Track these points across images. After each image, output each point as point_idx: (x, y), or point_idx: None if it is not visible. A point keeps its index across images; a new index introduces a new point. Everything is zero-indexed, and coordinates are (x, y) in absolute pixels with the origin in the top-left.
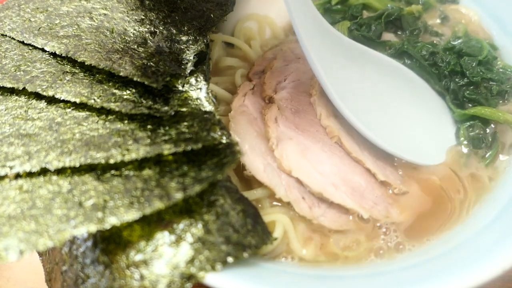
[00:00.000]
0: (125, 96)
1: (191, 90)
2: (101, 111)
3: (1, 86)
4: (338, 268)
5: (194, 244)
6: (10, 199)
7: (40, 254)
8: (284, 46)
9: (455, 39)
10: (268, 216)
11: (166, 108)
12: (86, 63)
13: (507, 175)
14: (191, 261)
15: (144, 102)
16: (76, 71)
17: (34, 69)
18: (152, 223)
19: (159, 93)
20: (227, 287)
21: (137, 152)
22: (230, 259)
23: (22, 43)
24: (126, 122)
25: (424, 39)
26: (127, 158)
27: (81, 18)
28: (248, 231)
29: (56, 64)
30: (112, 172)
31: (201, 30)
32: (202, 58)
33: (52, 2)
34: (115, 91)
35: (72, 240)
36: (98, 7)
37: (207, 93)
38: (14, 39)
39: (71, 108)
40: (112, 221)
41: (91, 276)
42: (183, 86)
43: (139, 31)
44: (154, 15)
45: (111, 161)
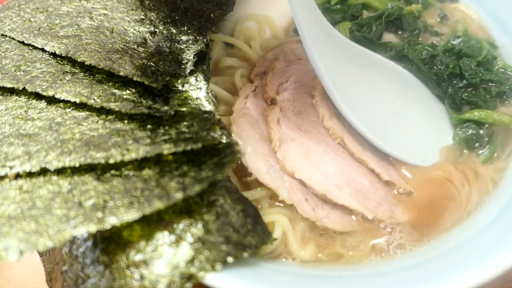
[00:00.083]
0: (125, 96)
1: (191, 90)
2: (101, 111)
3: (1, 86)
4: (338, 268)
5: (194, 244)
6: (10, 199)
7: (40, 254)
8: (285, 46)
9: (454, 38)
10: (267, 216)
11: (166, 107)
12: (86, 63)
13: (507, 175)
14: (191, 261)
15: (144, 102)
16: (76, 71)
17: (34, 69)
18: (152, 223)
19: (159, 92)
20: (227, 287)
21: (137, 152)
22: (230, 259)
23: (22, 43)
24: (126, 122)
25: (424, 39)
26: (127, 158)
27: (81, 18)
28: (248, 231)
29: (56, 64)
30: (112, 172)
31: (201, 30)
32: (202, 58)
33: (52, 2)
34: (115, 91)
35: (72, 240)
36: (98, 7)
37: (207, 92)
38: (14, 39)
39: (71, 108)
40: (112, 221)
41: (91, 276)
42: (183, 86)
43: (139, 31)
44: (154, 15)
45: (111, 161)
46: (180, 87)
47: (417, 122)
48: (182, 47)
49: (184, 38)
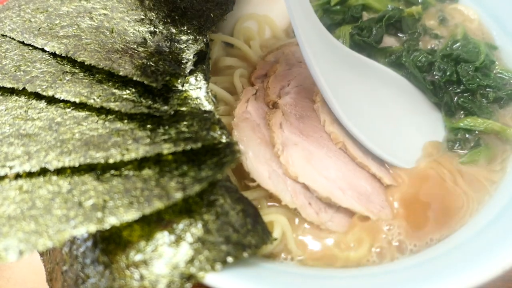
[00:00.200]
0: (124, 96)
1: (190, 89)
2: (100, 111)
3: (1, 86)
4: (338, 268)
5: (193, 244)
6: (10, 199)
7: (41, 254)
8: (285, 49)
9: (453, 43)
10: (267, 216)
11: (166, 107)
12: (86, 63)
13: (507, 175)
14: (190, 261)
15: (143, 101)
16: (76, 71)
17: (34, 69)
18: (152, 223)
19: (159, 92)
20: (227, 287)
21: (136, 151)
22: (230, 259)
23: (22, 43)
24: (125, 121)
25: (424, 42)
26: (126, 158)
27: (81, 18)
28: (248, 231)
29: (56, 64)
30: (112, 172)
31: (200, 29)
32: (201, 57)
33: (52, 3)
34: (114, 90)
35: (72, 240)
36: (98, 7)
37: (207, 92)
38: (15, 40)
39: (71, 108)
40: (111, 221)
41: (91, 276)
42: (182, 86)
43: (138, 30)
44: (154, 14)
45: (111, 160)
46: (180, 87)
47: (414, 129)
48: (182, 46)
49: (184, 37)
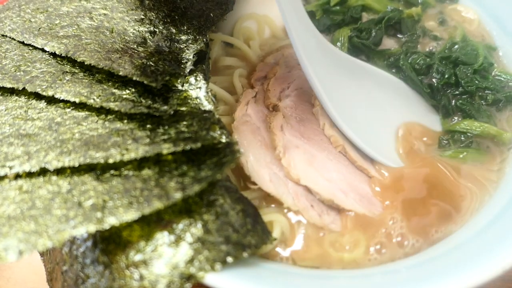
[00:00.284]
0: (124, 96)
1: (190, 89)
2: (100, 111)
3: (1, 86)
4: (338, 268)
5: (193, 244)
6: (10, 199)
7: (41, 254)
8: (285, 51)
9: (452, 45)
10: (266, 216)
11: (166, 107)
12: (85, 63)
13: (506, 175)
14: (190, 261)
15: (143, 101)
16: (76, 71)
17: (34, 69)
18: (152, 223)
19: (159, 92)
20: (226, 287)
21: (136, 151)
22: (229, 259)
23: (22, 43)
24: (125, 121)
25: (423, 43)
26: (126, 158)
27: (81, 18)
28: (248, 230)
29: (56, 64)
30: (112, 172)
31: (200, 29)
32: (201, 57)
33: (52, 3)
34: (114, 90)
35: (72, 240)
36: (98, 7)
37: (207, 92)
38: (15, 40)
39: (71, 108)
40: (111, 221)
41: (91, 276)
42: (182, 85)
43: (138, 30)
44: (154, 14)
45: (110, 160)
46: (179, 87)
47: None
48: (182, 46)
49: (183, 37)
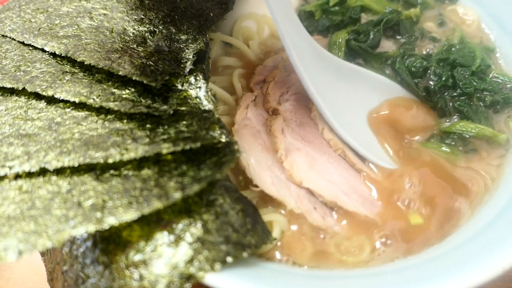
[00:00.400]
0: (124, 95)
1: (190, 89)
2: (100, 111)
3: (1, 86)
4: (338, 268)
5: (193, 244)
6: (10, 199)
7: (42, 254)
8: (284, 54)
9: (449, 47)
10: (265, 216)
11: (165, 107)
12: (85, 63)
13: (507, 175)
14: (190, 261)
15: (143, 101)
16: (76, 70)
17: (34, 69)
18: (152, 223)
19: (158, 92)
20: (226, 287)
21: (136, 151)
22: (229, 259)
23: (23, 43)
24: (125, 121)
25: (422, 45)
26: (126, 158)
27: (81, 18)
28: (248, 230)
29: (55, 64)
30: (111, 172)
31: (200, 29)
32: (201, 57)
33: (52, 3)
34: (114, 90)
35: (72, 240)
36: (98, 7)
37: (207, 92)
38: (15, 40)
39: (71, 108)
40: (110, 221)
41: (91, 276)
42: (182, 85)
43: (138, 30)
44: (154, 14)
45: (110, 160)
46: (179, 86)
47: None
48: (182, 46)
49: (183, 37)
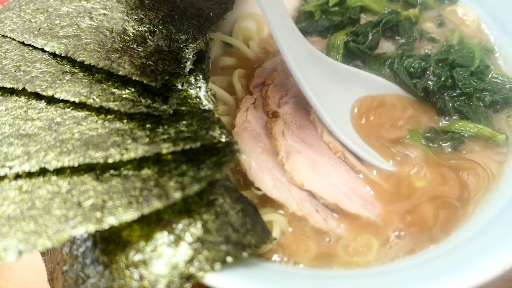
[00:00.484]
0: (124, 95)
1: (190, 89)
2: (100, 111)
3: (1, 86)
4: (338, 268)
5: (193, 244)
6: (10, 199)
7: (42, 254)
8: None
9: (448, 47)
10: (265, 216)
11: (165, 106)
12: (85, 63)
13: (506, 175)
14: (190, 261)
15: (143, 101)
16: (76, 70)
17: (34, 69)
18: (152, 223)
19: (158, 92)
20: (226, 287)
21: (135, 151)
22: (229, 259)
23: (23, 43)
24: (125, 121)
25: (421, 46)
26: (125, 158)
27: (81, 18)
28: (248, 230)
29: (55, 64)
30: (111, 172)
31: (200, 28)
32: (201, 57)
33: (52, 3)
34: (114, 90)
35: (73, 240)
36: (98, 7)
37: (206, 92)
38: (15, 40)
39: (71, 108)
40: (110, 221)
41: (91, 276)
42: (182, 85)
43: (138, 30)
44: (154, 14)
45: (110, 160)
46: (179, 86)
47: None
48: (181, 46)
49: (183, 37)
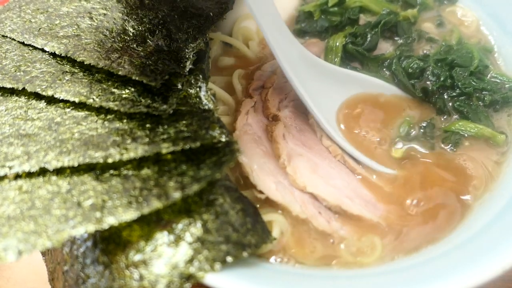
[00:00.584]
0: (124, 95)
1: (190, 88)
2: (100, 111)
3: (1, 86)
4: (339, 268)
5: (193, 244)
6: (10, 199)
7: (43, 254)
8: None
9: (447, 47)
10: (265, 216)
11: (165, 106)
12: (85, 63)
13: (506, 175)
14: (190, 261)
15: (143, 100)
16: (76, 70)
17: (34, 69)
18: (152, 223)
19: (158, 91)
20: (226, 287)
21: (135, 151)
22: (229, 259)
23: (23, 43)
24: (125, 121)
25: (419, 46)
26: (125, 157)
27: (81, 18)
28: (248, 230)
29: (55, 64)
30: (111, 171)
31: (200, 28)
32: (201, 56)
33: (52, 3)
34: (114, 90)
35: (73, 240)
36: (98, 7)
37: (206, 91)
38: (15, 40)
39: (71, 107)
40: (110, 221)
41: (91, 276)
42: (182, 85)
43: (138, 30)
44: (154, 14)
45: (110, 160)
46: (179, 86)
47: None
48: (181, 46)
49: (183, 37)
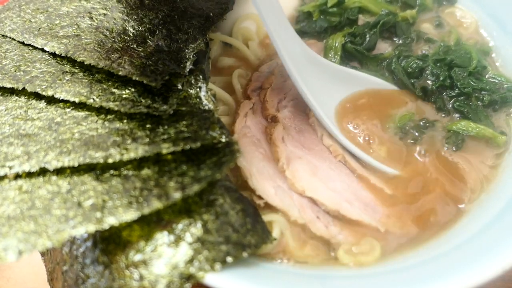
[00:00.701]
0: (124, 95)
1: (190, 89)
2: (100, 111)
3: (1, 86)
4: (339, 268)
5: (193, 244)
6: (10, 199)
7: (42, 254)
8: (279, 59)
9: (445, 48)
10: (265, 216)
11: (165, 107)
12: (85, 63)
13: (506, 175)
14: (190, 261)
15: (143, 101)
16: (76, 70)
17: (34, 69)
18: (152, 223)
19: (158, 92)
20: (226, 287)
21: (135, 151)
22: (229, 259)
23: (23, 43)
24: (125, 121)
25: (418, 46)
26: (125, 158)
27: (81, 18)
28: (248, 230)
29: (55, 64)
30: (111, 172)
31: (200, 29)
32: (201, 57)
33: (52, 3)
34: (114, 90)
35: (72, 240)
36: (98, 7)
37: (206, 92)
38: (15, 40)
39: (71, 108)
40: (110, 221)
41: (91, 276)
42: (182, 85)
43: (138, 30)
44: (154, 14)
45: (110, 160)
46: (179, 86)
47: None
48: (181, 46)
49: (183, 37)
